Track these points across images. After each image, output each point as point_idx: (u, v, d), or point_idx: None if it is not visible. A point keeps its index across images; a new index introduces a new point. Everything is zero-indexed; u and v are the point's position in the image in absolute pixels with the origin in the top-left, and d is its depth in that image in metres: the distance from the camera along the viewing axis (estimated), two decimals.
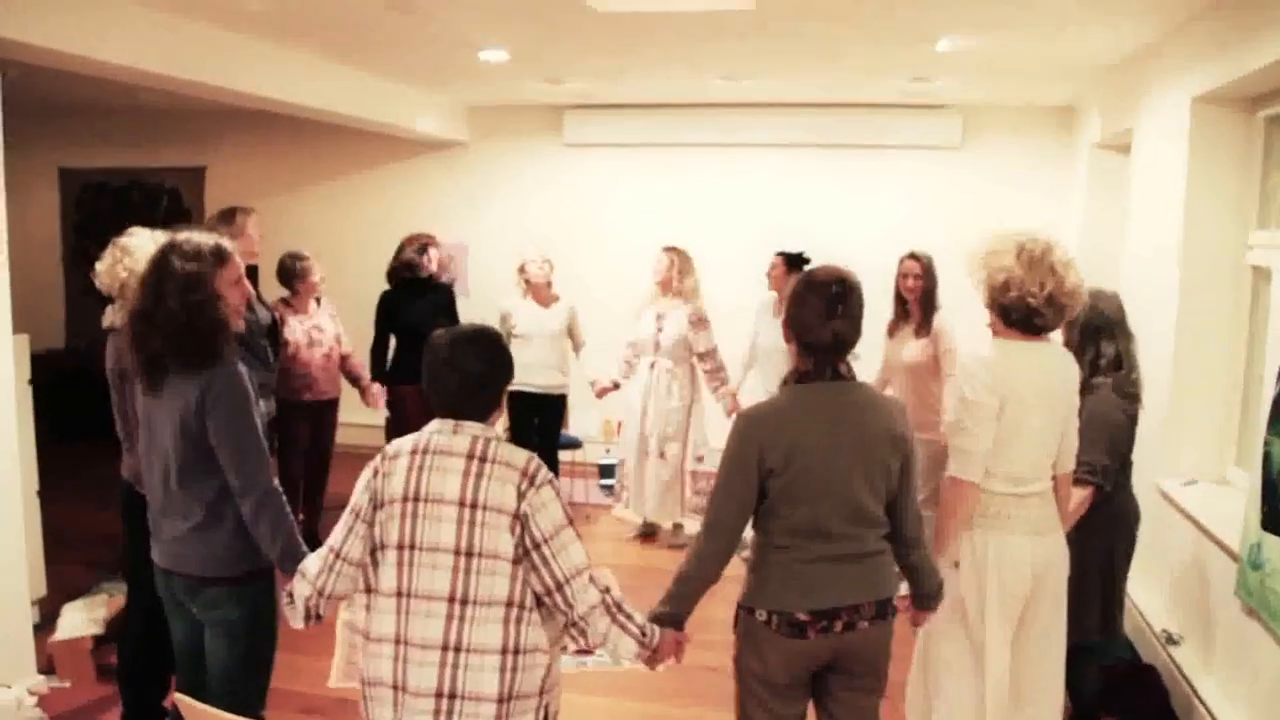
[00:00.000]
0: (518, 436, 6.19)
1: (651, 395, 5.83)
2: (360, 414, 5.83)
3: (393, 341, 5.94)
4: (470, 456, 2.28)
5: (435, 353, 2.37)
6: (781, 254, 5.73)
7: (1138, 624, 4.30)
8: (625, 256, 7.58)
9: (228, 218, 4.92)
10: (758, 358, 5.87)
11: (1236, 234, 4.24)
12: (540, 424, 6.06)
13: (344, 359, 5.71)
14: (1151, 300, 4.46)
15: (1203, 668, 3.81)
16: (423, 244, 5.95)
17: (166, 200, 8.51)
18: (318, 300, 5.65)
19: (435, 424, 2.37)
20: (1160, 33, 4.59)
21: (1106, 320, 3.44)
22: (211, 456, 2.56)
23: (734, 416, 2.63)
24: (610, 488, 6.79)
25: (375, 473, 2.34)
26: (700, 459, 5.91)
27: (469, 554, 2.23)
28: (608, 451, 7.45)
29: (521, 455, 2.31)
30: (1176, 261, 4.35)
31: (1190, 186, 4.29)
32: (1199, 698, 3.68)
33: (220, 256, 2.68)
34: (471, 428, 2.33)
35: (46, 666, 4.10)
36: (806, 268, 5.44)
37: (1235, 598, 3.52)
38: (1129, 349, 3.46)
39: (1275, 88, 3.86)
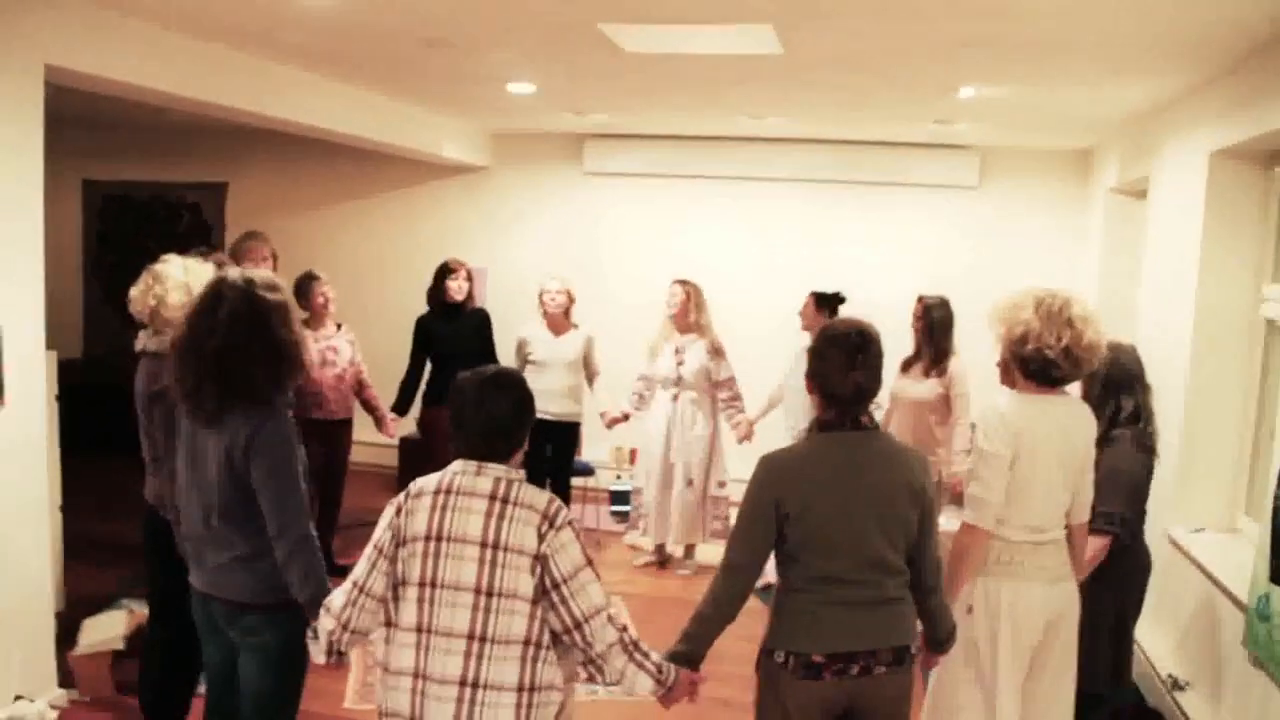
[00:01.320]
0: (531, 463, 6.26)
1: (677, 426, 5.94)
2: (375, 433, 5.91)
3: (428, 366, 6.07)
4: (493, 498, 2.35)
5: (464, 395, 2.43)
6: (814, 293, 5.77)
7: (1144, 668, 4.34)
8: (641, 287, 7.65)
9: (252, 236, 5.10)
10: (785, 396, 5.93)
11: (1251, 287, 4.31)
12: (554, 451, 6.12)
13: (362, 386, 5.78)
14: (1165, 350, 4.53)
15: (1210, 715, 3.85)
16: (453, 270, 6.06)
17: (188, 215, 8.60)
18: (338, 325, 5.73)
19: (458, 464, 2.43)
20: (1179, 87, 4.67)
21: (1127, 374, 3.50)
22: (254, 497, 2.62)
23: (758, 458, 2.68)
24: (623, 514, 6.84)
25: (398, 510, 2.40)
26: (722, 485, 6.04)
27: (489, 593, 2.29)
28: (618, 478, 7.51)
29: (542, 498, 2.38)
30: (1191, 313, 4.41)
31: (1206, 239, 4.36)
32: None
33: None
34: (494, 469, 2.39)
35: (66, 681, 4.14)
36: (841, 307, 5.58)
37: (1242, 648, 3.57)
38: (1146, 401, 3.52)
39: None
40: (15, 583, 3.83)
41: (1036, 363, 2.99)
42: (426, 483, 2.42)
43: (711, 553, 6.26)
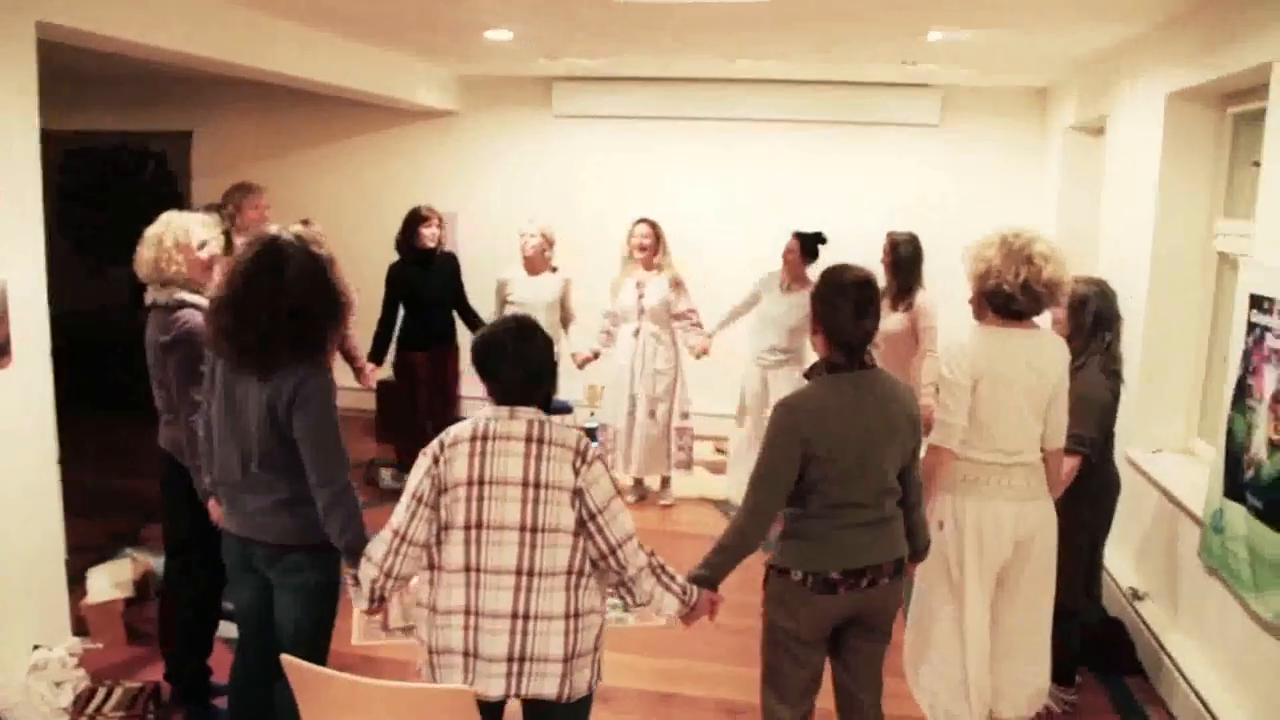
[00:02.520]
0: None
1: (639, 359, 6.09)
2: (352, 378, 5.97)
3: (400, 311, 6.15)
4: (529, 440, 2.50)
5: (499, 347, 2.56)
6: (798, 235, 5.94)
7: (1106, 581, 4.62)
8: (611, 228, 7.72)
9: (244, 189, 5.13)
10: (757, 321, 6.14)
11: (1205, 222, 4.54)
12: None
13: (344, 337, 5.84)
14: (1124, 282, 4.72)
15: (1168, 623, 4.16)
16: (425, 218, 6.12)
17: (153, 165, 8.52)
18: None
19: (490, 410, 2.56)
20: (1140, 30, 4.85)
21: (1112, 308, 3.74)
22: (294, 446, 2.72)
23: (774, 405, 2.87)
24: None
25: (435, 460, 2.52)
26: (685, 416, 6.24)
27: (534, 529, 2.46)
28: (591, 415, 7.68)
29: (572, 435, 2.54)
30: (1149, 247, 4.64)
31: (1163, 177, 4.58)
32: (1165, 650, 4.03)
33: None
34: (525, 412, 2.54)
35: (78, 629, 4.23)
36: (821, 247, 5.80)
37: (1198, 559, 3.85)
38: (1118, 331, 3.76)
39: (1245, 88, 4.14)
40: (29, 536, 3.91)
41: (999, 297, 3.20)
42: (461, 430, 2.54)
43: (685, 484, 6.49)
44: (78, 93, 8.26)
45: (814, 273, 5.82)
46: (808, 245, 5.92)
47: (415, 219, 6.14)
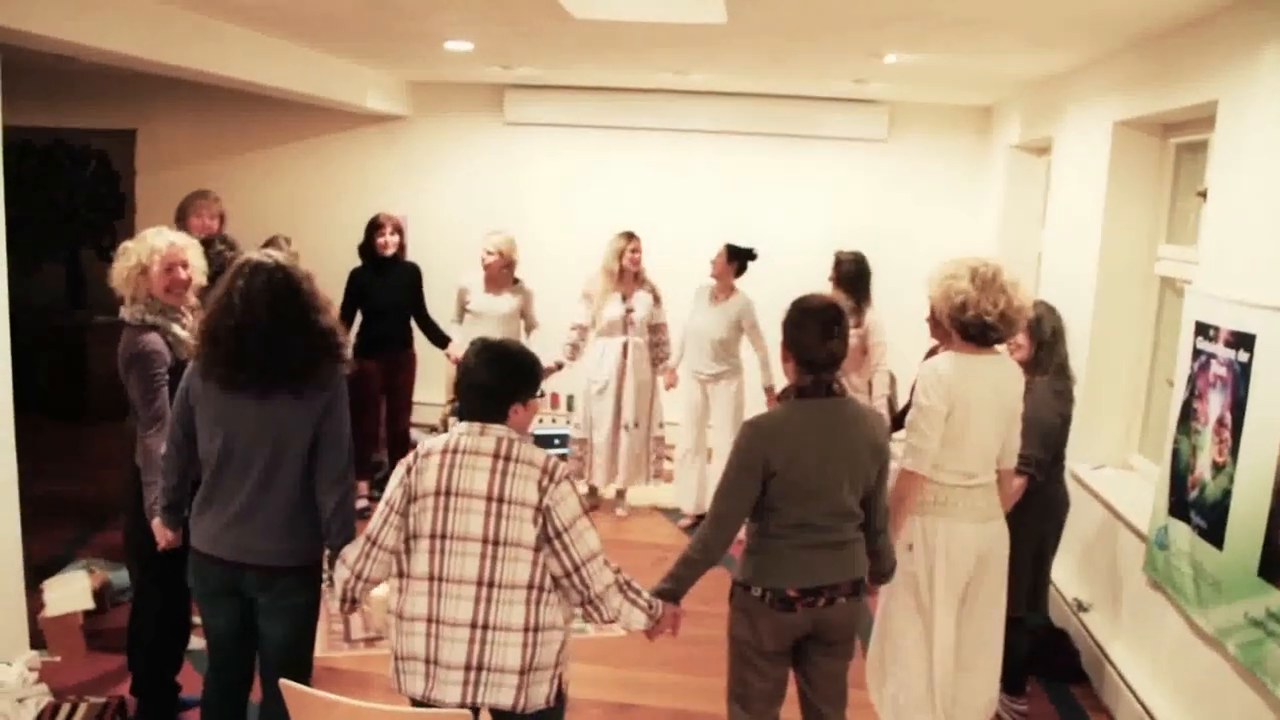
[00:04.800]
0: None
1: (631, 373, 6.13)
2: None
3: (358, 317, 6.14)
4: (497, 455, 2.59)
5: (465, 363, 2.69)
6: (729, 246, 6.03)
7: (1051, 593, 4.80)
8: (562, 235, 7.82)
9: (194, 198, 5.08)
10: (688, 337, 6.22)
11: (1147, 246, 4.73)
12: None
13: None
14: (1068, 302, 4.89)
15: (1111, 633, 4.33)
16: (380, 225, 6.12)
17: (95, 163, 8.34)
18: None
19: (463, 426, 2.66)
20: (1086, 59, 5.03)
21: (1061, 331, 3.88)
22: (305, 459, 2.80)
23: (742, 423, 2.98)
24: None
25: (409, 470, 2.63)
26: (661, 426, 6.35)
27: (496, 542, 2.55)
28: (539, 422, 7.70)
29: (540, 454, 2.63)
30: (1094, 269, 4.81)
31: (1109, 201, 4.75)
32: (1108, 658, 4.20)
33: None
34: (496, 429, 2.64)
35: (35, 642, 4.17)
36: (751, 264, 5.91)
37: (1142, 572, 4.02)
38: (1065, 354, 3.92)
39: (1187, 119, 4.33)
40: None
41: (976, 327, 3.33)
42: (434, 443, 2.65)
43: (641, 494, 6.56)
44: (11, 88, 8.06)
45: (741, 285, 5.98)
46: (735, 255, 6.01)
47: (372, 226, 6.15)
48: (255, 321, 2.75)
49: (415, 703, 2.63)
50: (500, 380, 2.66)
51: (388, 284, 6.14)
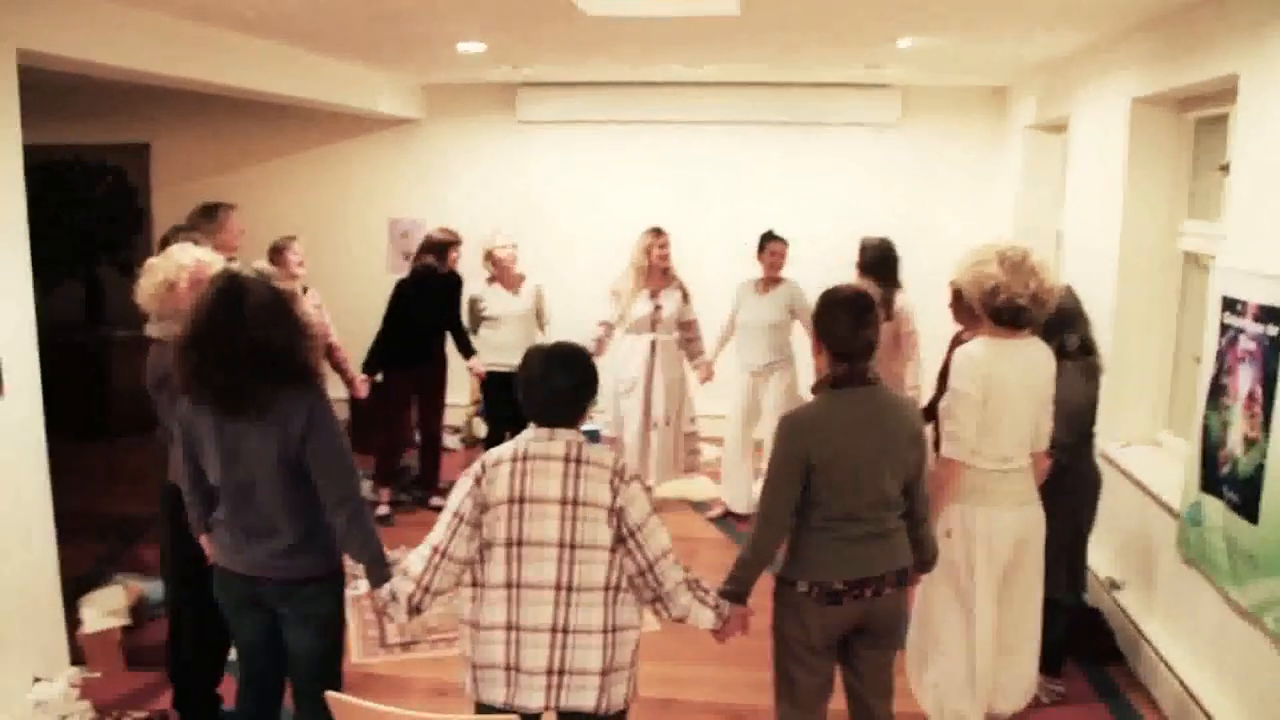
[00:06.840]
0: (492, 412, 6.44)
1: (659, 370, 6.11)
2: (338, 391, 5.98)
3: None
4: (567, 459, 2.58)
5: (530, 370, 2.65)
6: (775, 235, 5.98)
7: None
8: (577, 232, 7.84)
9: (210, 213, 5.07)
10: (738, 332, 6.18)
11: (1170, 222, 4.71)
12: (516, 401, 6.29)
13: (331, 350, 5.84)
14: (1091, 281, 4.88)
15: (1145, 610, 4.32)
16: (452, 244, 6.21)
17: (111, 179, 8.36)
18: (304, 289, 5.77)
19: (530, 432, 2.65)
20: (1103, 36, 5.00)
21: (1064, 314, 3.84)
22: (305, 481, 2.75)
23: (779, 419, 2.97)
24: None
25: (477, 480, 2.60)
26: (693, 420, 6.35)
27: (572, 546, 2.55)
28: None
29: (609, 455, 2.64)
30: (1116, 247, 4.79)
31: (1129, 179, 4.73)
32: (1144, 636, 4.19)
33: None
34: (565, 434, 2.62)
35: (75, 658, 4.20)
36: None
37: (1175, 549, 4.01)
38: (1089, 334, 3.89)
39: (1205, 94, 4.30)
40: (23, 566, 3.89)
41: (1009, 311, 3.32)
42: (502, 452, 2.63)
43: (672, 488, 6.57)
44: (29, 105, 8.10)
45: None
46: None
47: (441, 246, 6.23)
48: (199, 335, 2.71)
49: (487, 708, 2.63)
50: (579, 384, 2.65)
51: (433, 297, 6.16)
